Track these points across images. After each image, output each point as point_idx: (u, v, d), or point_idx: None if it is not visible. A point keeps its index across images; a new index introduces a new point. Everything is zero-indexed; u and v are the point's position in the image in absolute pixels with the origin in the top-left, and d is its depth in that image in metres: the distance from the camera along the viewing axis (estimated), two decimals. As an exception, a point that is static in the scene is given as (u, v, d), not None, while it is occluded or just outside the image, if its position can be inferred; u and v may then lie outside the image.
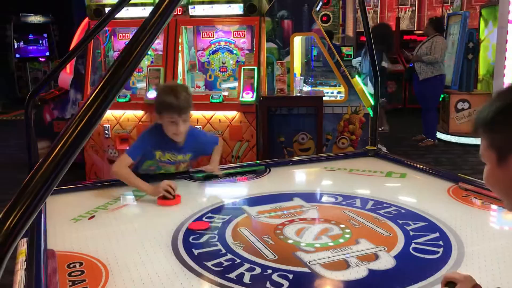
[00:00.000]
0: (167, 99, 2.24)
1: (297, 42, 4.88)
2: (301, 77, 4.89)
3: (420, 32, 9.50)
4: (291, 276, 1.45)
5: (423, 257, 1.58)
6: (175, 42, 4.61)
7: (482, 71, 7.38)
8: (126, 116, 4.63)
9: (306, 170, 2.86)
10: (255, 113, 4.42)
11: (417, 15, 11.57)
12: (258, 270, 1.49)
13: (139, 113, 4.61)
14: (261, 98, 4.46)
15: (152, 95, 4.47)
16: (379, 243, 1.67)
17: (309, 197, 2.19)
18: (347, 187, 2.34)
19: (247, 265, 1.52)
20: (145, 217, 2.13)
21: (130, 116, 4.63)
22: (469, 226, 1.82)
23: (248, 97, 4.35)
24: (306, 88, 5.08)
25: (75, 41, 5.26)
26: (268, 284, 1.40)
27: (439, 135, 6.93)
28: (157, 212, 2.17)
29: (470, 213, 1.98)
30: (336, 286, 1.43)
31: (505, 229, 1.94)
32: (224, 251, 1.64)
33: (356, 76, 5.29)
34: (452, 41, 7.22)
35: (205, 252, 1.64)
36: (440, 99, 6.94)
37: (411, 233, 1.76)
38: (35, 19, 12.31)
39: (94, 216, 2.00)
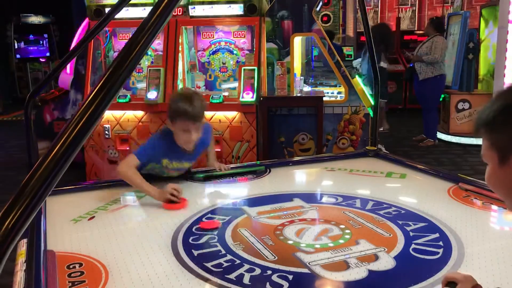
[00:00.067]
0: (182, 106, 2.17)
1: (297, 42, 4.88)
2: (301, 77, 4.89)
3: (421, 32, 9.50)
4: (291, 277, 1.45)
5: (423, 257, 1.58)
6: (175, 42, 4.61)
7: (482, 71, 7.38)
8: (126, 116, 4.63)
9: (306, 170, 2.86)
10: (255, 113, 4.41)
11: (417, 15, 11.57)
12: (258, 271, 1.49)
13: (139, 114, 4.61)
14: (261, 99, 4.46)
15: (152, 95, 4.47)
16: (379, 244, 1.67)
17: (309, 198, 2.19)
18: (347, 188, 2.34)
19: (247, 266, 1.52)
20: (145, 218, 2.13)
21: (130, 116, 4.63)
22: (469, 227, 1.82)
23: (248, 97, 4.35)
24: (306, 88, 5.07)
25: (75, 42, 5.26)
26: (268, 285, 1.40)
27: (440, 135, 6.92)
28: (157, 213, 2.17)
29: (470, 213, 1.98)
30: (336, 287, 1.43)
31: (505, 229, 1.94)
32: (224, 252, 1.63)
33: (356, 76, 5.28)
34: (452, 41, 7.22)
35: (205, 253, 1.64)
36: (441, 99, 6.93)
37: (411, 233, 1.76)
38: (36, 19, 12.33)
39: (94, 217, 2.00)
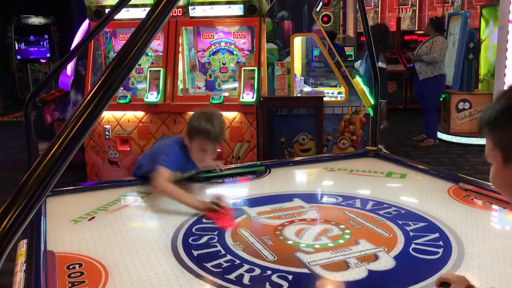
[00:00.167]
0: (205, 126, 2.16)
1: (298, 42, 4.88)
2: (302, 78, 4.89)
3: (421, 32, 9.50)
4: (290, 277, 1.44)
5: (423, 257, 1.57)
6: (176, 43, 4.61)
7: (483, 71, 7.38)
8: (127, 117, 4.63)
9: (306, 170, 2.86)
10: (255, 113, 4.42)
11: (417, 15, 11.58)
12: (257, 271, 1.49)
13: (140, 114, 4.61)
14: (261, 99, 4.46)
15: (152, 96, 4.47)
16: (379, 244, 1.66)
17: (309, 198, 2.19)
18: (347, 188, 2.34)
19: (246, 266, 1.52)
20: (145, 218, 2.13)
21: (130, 117, 4.63)
22: (469, 227, 1.82)
23: (248, 97, 4.35)
24: (307, 89, 5.08)
25: (76, 42, 5.26)
26: (268, 285, 1.40)
27: (440, 135, 6.92)
28: (156, 213, 2.17)
29: (470, 213, 1.97)
30: (336, 287, 1.43)
31: (505, 229, 1.94)
32: (223, 252, 1.63)
33: (356, 77, 5.28)
34: (453, 41, 7.21)
35: (204, 253, 1.64)
36: (441, 99, 6.93)
37: (411, 233, 1.76)
38: (36, 20, 12.34)
39: (94, 217, 2.00)
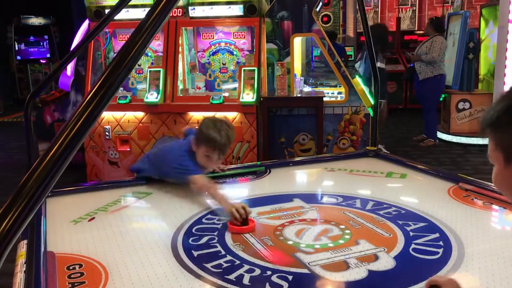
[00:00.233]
0: (213, 135, 2.20)
1: (297, 42, 4.88)
2: (302, 78, 4.89)
3: (421, 32, 9.50)
4: (290, 278, 1.44)
5: (423, 257, 1.57)
6: (175, 43, 4.61)
7: (483, 71, 7.38)
8: (127, 117, 4.63)
9: (307, 170, 2.86)
10: (255, 114, 4.42)
11: (417, 15, 11.57)
12: (257, 272, 1.48)
13: (140, 115, 4.61)
14: (261, 99, 4.46)
15: (152, 96, 4.47)
16: (379, 244, 1.66)
17: (309, 198, 2.19)
18: (347, 188, 2.34)
19: (246, 267, 1.52)
20: (144, 219, 2.13)
21: (130, 117, 4.63)
22: (469, 227, 1.82)
23: (248, 98, 4.35)
24: (307, 89, 5.08)
25: (76, 43, 5.26)
26: (268, 286, 1.40)
27: (440, 135, 6.92)
28: (157, 214, 2.17)
29: (471, 213, 1.97)
30: (336, 287, 1.43)
31: (505, 229, 1.94)
32: (223, 252, 1.63)
33: (356, 77, 5.28)
34: (452, 41, 7.21)
35: (204, 254, 1.64)
36: (441, 99, 6.93)
37: (411, 233, 1.76)
38: (36, 21, 12.34)
39: (94, 218, 2.00)
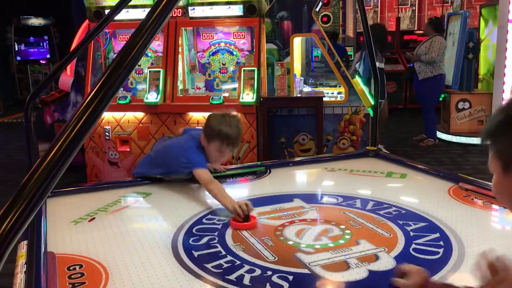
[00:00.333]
0: (224, 130, 2.23)
1: (297, 43, 4.88)
2: (301, 78, 4.89)
3: (420, 32, 9.49)
4: (291, 278, 1.44)
5: (423, 257, 1.57)
6: (175, 43, 4.62)
7: (482, 70, 7.38)
8: (127, 118, 4.63)
9: (307, 171, 2.86)
10: (255, 114, 4.42)
11: (417, 15, 11.57)
12: (258, 272, 1.48)
13: (140, 115, 4.61)
14: (261, 99, 4.46)
15: (152, 97, 4.47)
16: (379, 244, 1.66)
17: (309, 198, 2.19)
18: (347, 188, 2.34)
19: (247, 267, 1.52)
20: (145, 219, 2.13)
21: (130, 118, 4.63)
22: (469, 227, 1.82)
23: (248, 98, 4.35)
24: (307, 89, 5.07)
25: (75, 43, 5.26)
26: (268, 286, 1.40)
27: (440, 135, 6.92)
28: (157, 214, 2.17)
29: (471, 213, 1.97)
30: (336, 287, 1.43)
31: (505, 229, 1.94)
32: (224, 252, 1.63)
33: (356, 77, 5.28)
34: (452, 41, 7.21)
35: (205, 254, 1.64)
36: (441, 98, 6.93)
37: (412, 233, 1.76)
38: (36, 21, 12.34)
39: (94, 218, 2.00)
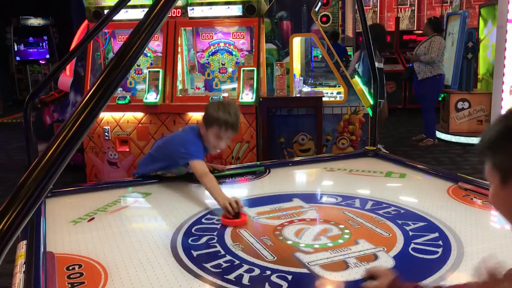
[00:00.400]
0: (223, 115, 2.28)
1: (297, 43, 4.88)
2: (301, 78, 4.89)
3: (420, 32, 9.49)
4: (290, 277, 1.44)
5: (422, 257, 1.57)
6: (175, 43, 4.61)
7: (482, 70, 7.38)
8: (126, 118, 4.63)
9: (306, 170, 2.86)
10: (255, 114, 4.42)
11: (416, 15, 11.57)
12: (257, 271, 1.49)
13: (139, 115, 4.61)
14: (260, 99, 4.46)
15: (151, 97, 4.47)
16: (378, 244, 1.66)
17: (309, 198, 2.19)
18: (346, 188, 2.34)
19: (246, 267, 1.52)
20: (144, 219, 2.13)
21: (129, 118, 4.63)
22: (468, 226, 1.82)
23: (247, 98, 4.35)
24: (306, 89, 5.07)
25: (75, 44, 5.26)
26: (267, 286, 1.40)
27: (439, 134, 6.92)
28: (156, 214, 2.17)
29: (470, 212, 1.98)
30: (335, 287, 1.43)
31: (504, 228, 1.93)
32: (223, 252, 1.63)
33: (355, 77, 5.28)
34: (451, 41, 7.22)
35: (204, 254, 1.64)
36: (440, 98, 6.93)
37: (411, 233, 1.76)
38: (35, 22, 12.34)
39: (93, 218, 2.00)
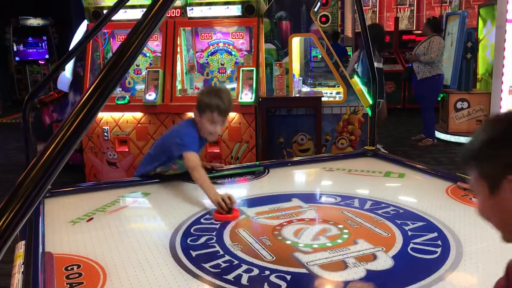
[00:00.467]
0: (215, 100, 2.32)
1: (296, 43, 4.88)
2: (300, 78, 4.89)
3: (419, 32, 9.51)
4: (289, 277, 1.44)
5: (421, 257, 1.57)
6: (174, 43, 4.61)
7: (481, 70, 7.39)
8: (125, 118, 4.63)
9: (305, 170, 2.86)
10: (254, 114, 4.42)
11: (415, 15, 11.58)
12: (256, 272, 1.48)
13: (138, 115, 4.60)
14: (260, 99, 4.46)
15: (151, 97, 4.47)
16: (377, 243, 1.66)
17: (308, 198, 2.19)
18: (345, 188, 2.34)
19: (245, 267, 1.52)
20: (143, 219, 2.13)
21: (129, 118, 4.62)
22: (467, 226, 1.82)
23: (247, 98, 4.35)
24: (305, 89, 5.07)
25: (74, 44, 5.25)
26: (266, 286, 1.40)
27: (439, 134, 6.92)
28: (155, 214, 2.17)
29: (469, 212, 1.97)
30: (334, 287, 1.43)
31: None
32: (222, 252, 1.63)
33: (355, 77, 5.28)
34: (450, 41, 7.22)
35: (203, 254, 1.64)
36: (439, 98, 6.94)
37: (410, 233, 1.76)
38: (35, 22, 12.34)
39: (92, 218, 2.00)
